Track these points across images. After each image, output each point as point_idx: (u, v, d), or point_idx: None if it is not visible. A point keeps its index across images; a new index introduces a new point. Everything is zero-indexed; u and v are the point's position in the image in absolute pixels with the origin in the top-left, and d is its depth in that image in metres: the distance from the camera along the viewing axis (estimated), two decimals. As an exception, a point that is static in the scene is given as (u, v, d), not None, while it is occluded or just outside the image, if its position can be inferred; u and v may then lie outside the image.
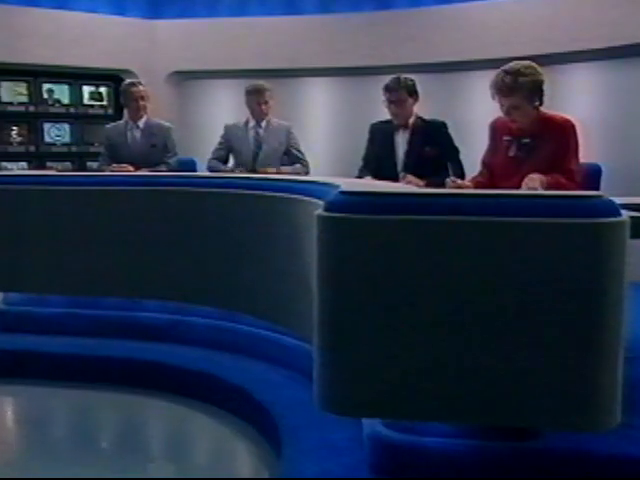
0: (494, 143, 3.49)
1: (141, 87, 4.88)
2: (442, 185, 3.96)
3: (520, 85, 3.17)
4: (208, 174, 3.90)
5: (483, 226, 1.96)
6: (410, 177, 4.01)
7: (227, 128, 5.00)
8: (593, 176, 3.37)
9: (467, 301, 1.97)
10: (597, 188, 3.33)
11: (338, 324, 2.08)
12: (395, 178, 4.11)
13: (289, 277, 2.97)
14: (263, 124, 4.95)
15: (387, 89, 4.23)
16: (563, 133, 3.24)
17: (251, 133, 4.94)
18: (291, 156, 4.91)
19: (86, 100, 6.99)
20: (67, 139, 6.95)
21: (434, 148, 4.19)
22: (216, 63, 6.79)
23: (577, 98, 5.70)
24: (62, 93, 6.87)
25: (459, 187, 3.28)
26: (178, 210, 3.50)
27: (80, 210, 3.58)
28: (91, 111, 6.98)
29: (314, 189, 2.82)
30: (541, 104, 3.30)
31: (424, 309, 2.00)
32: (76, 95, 6.95)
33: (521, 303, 1.95)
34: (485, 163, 3.54)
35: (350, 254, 2.04)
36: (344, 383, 2.09)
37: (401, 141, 4.29)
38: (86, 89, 6.99)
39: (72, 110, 6.96)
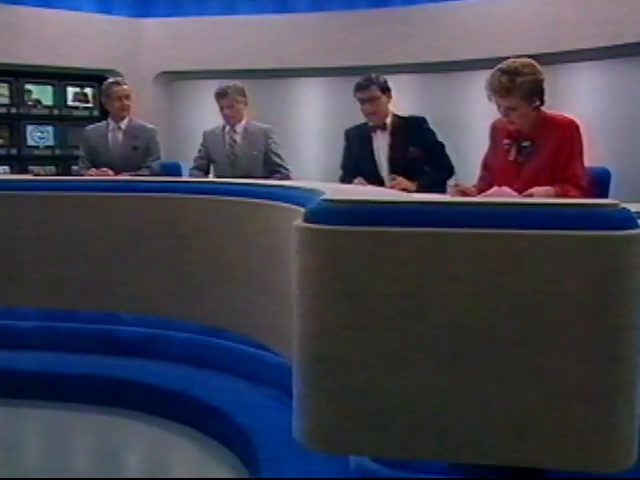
0: (494, 145, 3.26)
1: (125, 86, 4.66)
2: (436, 185, 3.76)
3: (517, 85, 2.94)
4: (187, 179, 3.67)
5: (481, 239, 1.73)
6: (400, 179, 3.77)
7: (205, 135, 4.75)
8: (601, 181, 3.13)
9: (463, 324, 1.74)
10: (606, 194, 3.10)
11: (318, 351, 1.85)
12: (378, 183, 3.87)
13: (270, 291, 2.76)
14: (239, 129, 4.65)
15: (358, 87, 4.02)
16: (565, 134, 3.01)
17: (227, 139, 4.66)
18: (269, 163, 4.58)
19: (70, 101, 6.80)
20: (50, 142, 6.76)
21: (418, 147, 3.95)
22: (205, 63, 6.64)
23: (581, 99, 5.54)
24: (45, 94, 6.68)
25: (463, 193, 3.04)
26: (155, 218, 3.31)
27: (49, 217, 3.37)
28: (76, 113, 6.79)
29: (296, 195, 2.61)
30: (542, 104, 3.06)
31: (416, 333, 1.77)
32: (60, 96, 6.76)
33: (523, 326, 1.72)
34: (486, 166, 3.30)
35: (332, 271, 1.81)
36: (325, 415, 1.86)
37: (380, 144, 4.05)
38: (70, 90, 6.80)
39: (56, 112, 6.77)
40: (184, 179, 3.52)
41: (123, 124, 4.65)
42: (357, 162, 4.13)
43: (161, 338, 3.71)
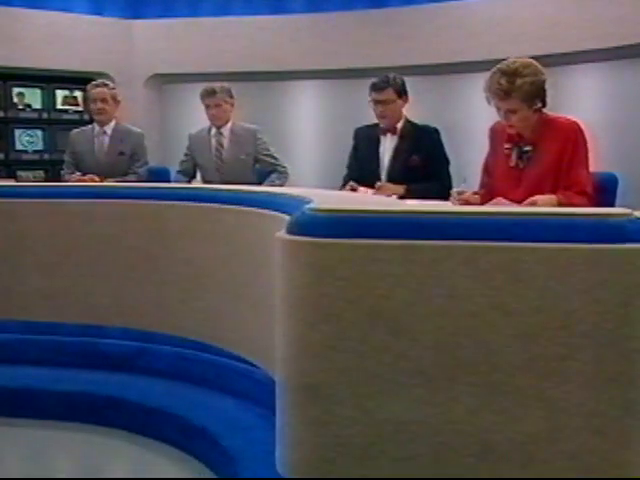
0: (494, 150, 3.10)
1: (105, 89, 4.49)
2: (426, 196, 3.60)
3: (517, 87, 2.80)
4: (171, 185, 3.51)
5: (481, 252, 1.58)
6: (385, 186, 3.60)
7: (190, 138, 4.61)
8: (608, 188, 2.97)
9: (460, 346, 1.59)
10: (612, 202, 2.94)
11: (301, 375, 1.70)
12: None
13: (258, 305, 2.61)
14: (225, 131, 4.50)
15: (373, 88, 3.84)
16: (568, 137, 2.85)
17: (213, 143, 4.51)
18: (263, 164, 4.44)
19: (60, 105, 6.65)
20: (39, 146, 6.60)
21: (421, 157, 3.79)
22: (198, 65, 6.51)
23: (583, 102, 5.41)
24: (34, 97, 6.54)
25: (466, 202, 2.88)
26: (139, 226, 3.18)
27: (28, 226, 3.21)
28: (65, 116, 6.63)
29: (284, 203, 2.46)
30: (544, 106, 2.91)
31: (408, 356, 1.62)
32: (49, 99, 6.61)
33: (526, 349, 1.58)
34: (487, 171, 3.14)
35: (316, 287, 1.65)
36: (309, 446, 1.71)
37: (387, 147, 3.90)
38: (59, 93, 6.65)
39: (45, 115, 6.62)
40: (168, 185, 3.36)
41: (109, 128, 4.50)
42: (362, 163, 3.98)
43: (146, 352, 3.52)
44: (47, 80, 6.54)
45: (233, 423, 2.93)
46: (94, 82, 4.59)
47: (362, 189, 3.58)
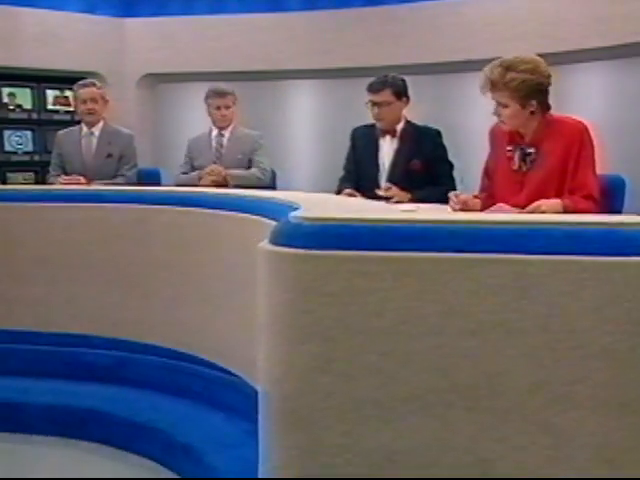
0: (494, 152, 2.96)
1: (94, 88, 4.35)
2: (430, 202, 3.46)
3: (505, 81, 2.67)
4: (156, 188, 3.36)
5: (481, 265, 1.44)
6: (394, 189, 3.44)
7: (190, 143, 4.50)
8: (615, 190, 2.82)
9: (459, 368, 1.44)
10: (621, 206, 2.79)
11: (285, 399, 1.55)
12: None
13: (246, 315, 2.47)
14: (226, 133, 4.40)
15: (370, 88, 3.68)
16: (573, 138, 2.70)
17: (213, 144, 4.41)
18: (252, 163, 4.34)
19: (50, 105, 6.47)
20: (29, 147, 6.41)
21: (423, 161, 3.63)
22: (192, 65, 6.34)
23: (589, 102, 5.28)
24: (24, 97, 6.34)
25: (465, 203, 2.74)
26: (123, 230, 3.06)
27: (5, 231, 3.08)
28: (56, 117, 6.43)
29: (272, 209, 2.32)
30: (545, 109, 2.78)
31: (402, 379, 1.49)
32: (39, 99, 6.43)
33: (532, 372, 1.43)
34: (487, 174, 3.00)
35: (301, 303, 1.52)
36: (293, 477, 1.55)
37: (387, 150, 3.74)
38: (50, 93, 6.46)
39: (35, 116, 6.42)
40: (151, 189, 3.22)
41: (97, 129, 4.35)
42: (359, 165, 3.83)
43: (131, 362, 3.39)
44: (37, 80, 6.38)
45: (219, 439, 2.80)
46: (81, 82, 4.45)
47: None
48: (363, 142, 3.81)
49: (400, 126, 3.72)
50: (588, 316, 1.40)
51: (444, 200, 3.66)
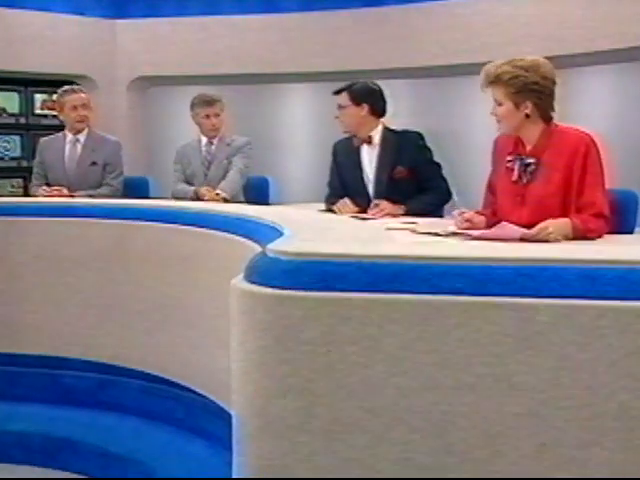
0: (497, 165, 2.80)
1: (82, 94, 4.20)
2: (428, 211, 3.30)
3: (499, 73, 2.57)
4: (133, 202, 3.17)
5: (480, 311, 1.26)
6: (384, 205, 3.28)
7: (178, 151, 4.36)
8: (627, 207, 2.65)
9: (455, 427, 1.30)
10: (633, 224, 2.62)
11: (258, 458, 1.38)
12: (367, 204, 3.40)
13: (227, 344, 2.29)
14: (215, 141, 4.27)
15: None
16: (577, 151, 2.54)
17: (203, 152, 4.27)
18: (230, 165, 4.19)
19: (38, 109, 6.40)
20: (17, 153, 6.34)
21: (408, 167, 3.47)
22: (184, 68, 6.26)
23: (595, 108, 5.18)
24: (10, 101, 6.28)
25: (469, 221, 2.60)
26: (99, 247, 2.90)
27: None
28: (44, 121, 6.35)
29: (255, 229, 2.15)
30: (545, 117, 2.61)
31: (389, 439, 1.31)
32: (27, 104, 6.36)
33: (539, 433, 1.26)
34: (491, 189, 2.83)
35: (276, 352, 1.34)
36: None
37: (368, 159, 3.58)
38: (38, 97, 6.40)
39: (22, 120, 6.36)
40: (131, 202, 3.05)
41: (82, 136, 4.19)
42: (343, 179, 3.66)
43: (110, 385, 3.23)
44: (25, 83, 6.31)
45: (201, 471, 2.63)
46: (67, 88, 4.30)
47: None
48: (344, 155, 3.67)
49: (377, 134, 3.57)
50: (604, 370, 1.23)
51: (440, 204, 3.52)
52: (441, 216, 3.42)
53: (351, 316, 1.30)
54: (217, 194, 3.94)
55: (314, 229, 1.97)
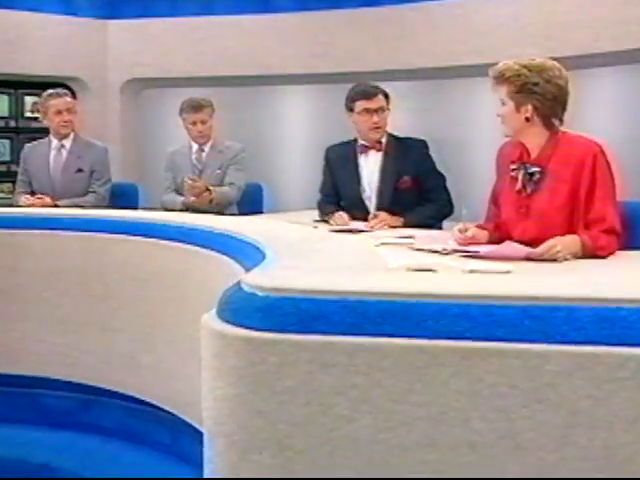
0: (501, 175, 2.65)
1: (67, 98, 4.09)
2: (429, 224, 3.16)
3: (502, 69, 2.48)
4: (112, 214, 3.01)
5: (478, 357, 1.12)
6: (382, 217, 3.13)
7: (169, 156, 4.23)
8: (639, 221, 2.48)
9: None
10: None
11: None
12: (362, 216, 3.26)
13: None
14: (206, 148, 4.13)
15: (364, 95, 3.35)
16: (584, 161, 2.39)
17: (193, 159, 4.13)
18: (226, 176, 4.05)
19: (28, 112, 6.20)
20: (7, 157, 6.14)
21: (413, 176, 3.31)
22: (178, 70, 6.05)
23: (601, 111, 5.02)
24: (0, 104, 6.11)
25: (473, 238, 2.45)
26: (77, 262, 2.77)
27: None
28: (35, 124, 6.08)
29: (239, 248, 2.00)
30: (548, 123, 2.46)
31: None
32: (16, 106, 6.19)
33: None
34: (494, 201, 2.69)
35: (249, 402, 1.19)
36: None
37: (371, 167, 3.41)
38: (28, 100, 6.20)
39: (12, 123, 6.17)
40: (110, 214, 2.89)
41: (67, 142, 4.06)
42: (338, 188, 3.50)
43: (96, 406, 3.08)
44: (14, 85, 6.14)
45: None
46: (52, 91, 4.19)
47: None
48: (340, 162, 3.48)
49: (384, 139, 3.41)
50: (623, 428, 1.08)
51: (440, 218, 3.37)
52: (440, 228, 3.28)
53: (334, 363, 1.15)
54: (208, 189, 3.79)
55: (298, 251, 1.82)
